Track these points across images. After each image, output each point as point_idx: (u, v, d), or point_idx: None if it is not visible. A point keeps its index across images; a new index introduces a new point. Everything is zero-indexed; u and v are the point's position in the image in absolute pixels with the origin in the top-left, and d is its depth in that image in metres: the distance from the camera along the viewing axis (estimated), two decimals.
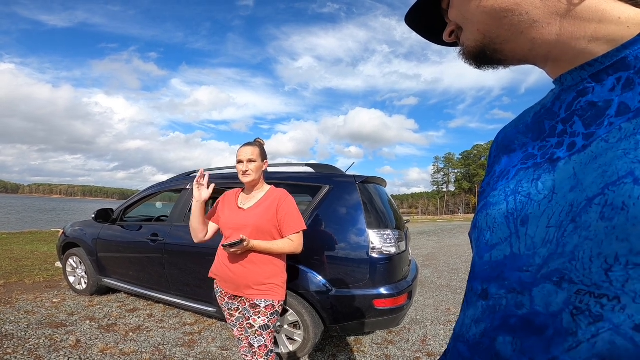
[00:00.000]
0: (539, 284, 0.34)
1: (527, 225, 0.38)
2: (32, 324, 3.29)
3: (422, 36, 0.56)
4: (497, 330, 0.38)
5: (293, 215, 1.86)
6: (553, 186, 0.37)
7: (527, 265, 0.36)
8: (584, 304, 0.31)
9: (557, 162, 0.38)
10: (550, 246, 0.34)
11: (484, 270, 0.43)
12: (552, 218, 0.36)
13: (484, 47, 0.44)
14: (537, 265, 0.35)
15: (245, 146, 1.90)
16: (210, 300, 3.02)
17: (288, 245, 1.83)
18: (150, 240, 3.46)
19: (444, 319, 3.81)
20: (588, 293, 0.30)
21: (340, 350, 2.99)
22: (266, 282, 1.82)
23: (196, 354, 2.83)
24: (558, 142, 0.40)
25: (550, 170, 0.39)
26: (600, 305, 0.29)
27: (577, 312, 0.31)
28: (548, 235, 0.35)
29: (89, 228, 4.24)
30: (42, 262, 6.30)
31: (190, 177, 3.74)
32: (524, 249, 0.37)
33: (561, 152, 0.39)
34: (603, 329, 0.29)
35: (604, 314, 0.29)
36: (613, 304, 0.29)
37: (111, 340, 3.02)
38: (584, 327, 0.30)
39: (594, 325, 0.29)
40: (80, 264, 4.28)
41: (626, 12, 0.36)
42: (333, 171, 3.08)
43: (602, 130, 0.34)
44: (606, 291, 0.29)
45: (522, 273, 0.37)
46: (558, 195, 0.36)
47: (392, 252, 2.58)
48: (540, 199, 0.38)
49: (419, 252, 9.16)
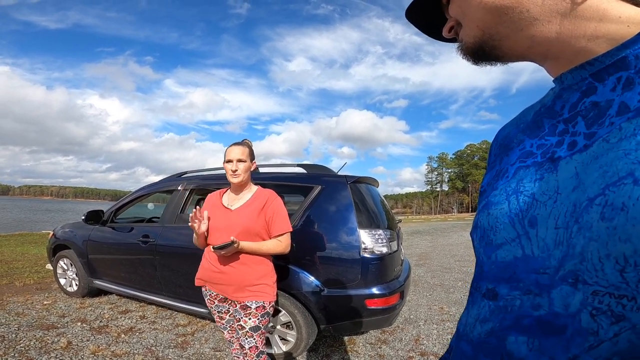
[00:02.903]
0: (557, 286, 0.34)
1: (537, 227, 0.38)
2: (22, 326, 3.25)
3: (421, 31, 0.56)
4: (508, 330, 0.38)
5: (281, 216, 1.86)
6: (557, 186, 0.37)
7: (544, 267, 0.36)
8: (604, 305, 0.31)
9: (559, 162, 0.38)
10: (562, 248, 0.35)
11: (490, 270, 0.43)
12: (558, 219, 0.36)
13: (482, 44, 0.44)
14: (554, 267, 0.35)
15: (234, 146, 1.88)
16: (202, 301, 3.01)
17: (276, 246, 1.83)
18: (141, 241, 3.44)
19: (437, 318, 3.84)
20: (607, 294, 0.31)
21: (333, 350, 3.00)
22: (257, 282, 1.81)
23: (189, 355, 2.82)
24: (558, 140, 0.40)
25: (552, 170, 0.39)
26: (622, 305, 0.30)
27: (596, 312, 0.31)
28: (558, 236, 0.35)
29: (79, 230, 4.20)
30: (33, 264, 6.22)
31: (182, 178, 3.72)
32: (538, 250, 0.37)
33: (562, 151, 0.38)
34: (624, 328, 0.29)
35: (625, 314, 0.29)
36: (632, 304, 0.29)
37: (103, 342, 3.00)
38: (606, 326, 0.30)
39: (617, 325, 0.30)
40: (71, 266, 4.24)
41: (626, 11, 0.36)
42: (324, 171, 3.09)
43: (603, 130, 0.35)
44: (624, 292, 0.30)
45: (539, 275, 0.36)
46: (562, 196, 0.36)
47: (384, 251, 2.59)
48: (545, 199, 0.38)
49: (413, 252, 9.20)
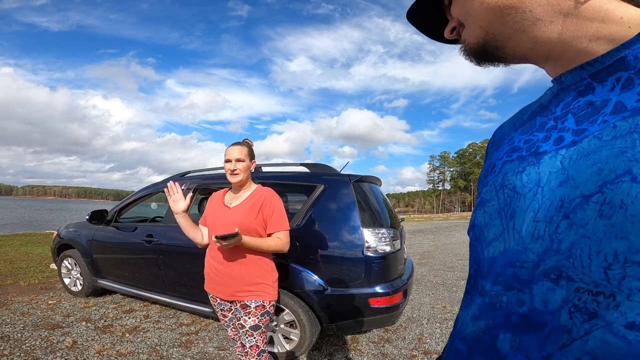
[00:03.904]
0: (538, 281, 0.34)
1: (514, 219, 0.38)
2: (28, 326, 3.27)
3: (423, 33, 0.56)
4: (499, 328, 0.38)
5: (279, 214, 1.87)
6: (538, 179, 0.37)
7: (520, 260, 0.36)
8: (581, 302, 0.31)
9: (543, 156, 0.38)
10: (543, 242, 0.34)
11: (482, 267, 0.43)
12: (538, 212, 0.35)
13: (485, 44, 0.44)
14: (532, 261, 0.35)
15: (234, 146, 1.89)
16: (206, 300, 3.02)
17: (276, 243, 1.83)
18: (145, 241, 3.45)
19: (440, 317, 3.84)
20: (587, 291, 0.31)
21: (337, 349, 3.01)
22: (257, 281, 1.82)
23: (193, 354, 2.83)
24: (545, 136, 0.40)
25: (534, 163, 0.39)
26: (597, 302, 0.30)
27: (574, 309, 0.31)
28: (537, 230, 0.35)
29: (83, 229, 4.22)
30: (37, 264, 6.25)
31: (185, 178, 3.74)
32: (513, 243, 0.37)
33: (547, 146, 0.39)
34: (595, 326, 0.29)
35: (598, 312, 0.30)
36: (608, 302, 0.29)
37: (108, 341, 3.02)
38: (579, 324, 0.31)
39: (588, 323, 0.30)
40: (75, 266, 4.26)
41: (628, 12, 0.36)
42: (327, 170, 3.09)
43: (595, 127, 0.34)
44: (603, 289, 0.30)
45: (516, 269, 0.36)
46: (544, 189, 0.36)
47: (387, 250, 2.59)
48: (525, 192, 0.38)
49: (415, 251, 9.19)
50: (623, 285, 0.28)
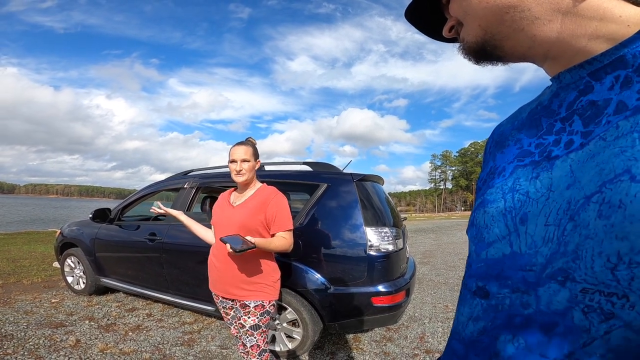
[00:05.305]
0: (545, 284, 0.34)
1: (527, 224, 0.38)
2: (31, 324, 3.29)
3: (421, 32, 0.56)
4: (500, 329, 0.38)
5: (284, 213, 1.85)
6: (550, 184, 0.37)
7: (530, 264, 0.36)
8: (594, 302, 0.31)
9: (555, 160, 0.38)
10: (552, 245, 0.34)
11: (479, 268, 0.43)
12: (549, 216, 0.35)
13: (484, 43, 0.44)
14: (541, 264, 0.35)
15: (238, 145, 1.88)
16: (209, 299, 3.03)
17: (282, 243, 1.83)
18: (148, 239, 3.46)
19: (442, 316, 3.84)
20: (597, 291, 0.30)
21: (339, 347, 3.01)
22: (256, 281, 1.82)
23: (196, 353, 2.84)
24: (555, 139, 0.40)
25: (548, 168, 0.38)
26: (611, 303, 0.30)
27: (588, 309, 0.31)
28: (548, 233, 0.35)
29: (86, 228, 4.23)
30: (40, 262, 6.28)
31: (188, 176, 3.74)
32: (525, 247, 0.37)
33: (559, 150, 0.38)
34: (615, 326, 0.29)
35: (615, 312, 0.29)
36: (622, 302, 0.29)
37: (111, 339, 3.03)
38: (596, 324, 0.30)
39: (605, 323, 0.30)
40: (78, 264, 4.27)
41: (627, 10, 0.36)
42: (330, 169, 3.09)
43: (600, 128, 0.34)
44: (614, 289, 0.29)
45: (526, 272, 0.36)
46: (555, 193, 0.36)
47: (390, 249, 2.60)
48: (538, 197, 0.38)
49: (417, 250, 9.19)
50: (634, 287, 0.28)
